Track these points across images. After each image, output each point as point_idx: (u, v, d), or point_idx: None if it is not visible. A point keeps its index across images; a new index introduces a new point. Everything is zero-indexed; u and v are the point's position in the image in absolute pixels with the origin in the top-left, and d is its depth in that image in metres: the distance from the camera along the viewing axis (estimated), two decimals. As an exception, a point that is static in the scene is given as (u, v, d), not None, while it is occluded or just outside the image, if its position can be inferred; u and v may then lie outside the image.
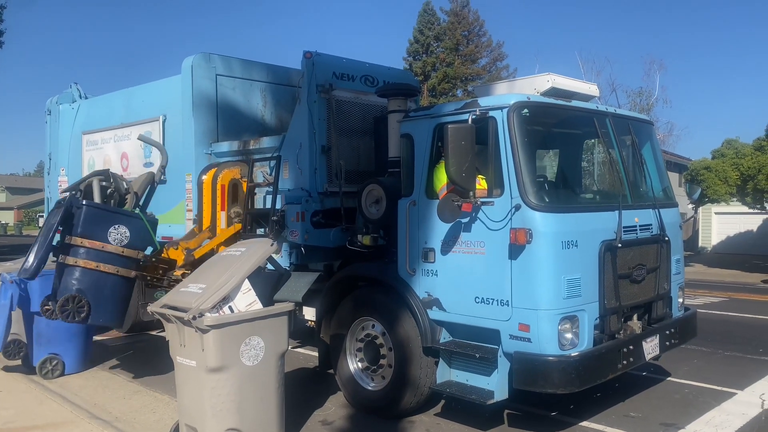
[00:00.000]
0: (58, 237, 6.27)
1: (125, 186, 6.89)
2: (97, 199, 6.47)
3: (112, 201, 6.70)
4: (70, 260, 6.06)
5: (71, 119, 10.45)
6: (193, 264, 6.76)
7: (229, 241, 7.09)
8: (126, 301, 6.52)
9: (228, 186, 7.27)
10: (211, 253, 6.83)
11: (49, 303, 6.19)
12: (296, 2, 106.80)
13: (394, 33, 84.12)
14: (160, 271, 6.78)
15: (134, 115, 9.01)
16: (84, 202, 6.25)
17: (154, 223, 6.78)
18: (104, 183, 6.69)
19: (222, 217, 7.22)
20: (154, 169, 8.31)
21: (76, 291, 6.00)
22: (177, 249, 6.91)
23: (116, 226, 6.25)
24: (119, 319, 6.48)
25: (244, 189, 7.26)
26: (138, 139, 7.76)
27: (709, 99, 65.19)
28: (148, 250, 6.79)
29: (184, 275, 6.74)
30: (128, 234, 6.32)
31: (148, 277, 6.68)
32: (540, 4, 73.06)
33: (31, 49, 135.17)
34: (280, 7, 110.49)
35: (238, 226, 7.13)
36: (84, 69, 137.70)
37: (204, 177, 7.36)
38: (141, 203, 6.99)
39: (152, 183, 7.25)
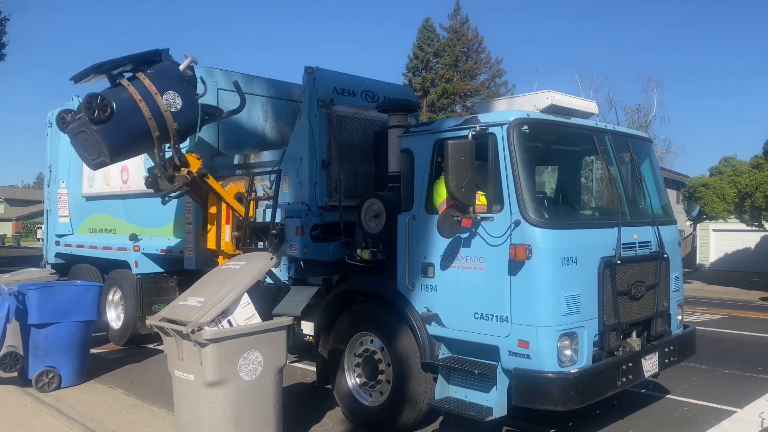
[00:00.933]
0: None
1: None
2: None
3: None
4: (124, 82, 6.23)
5: (72, 131, 10.47)
6: (202, 177, 6.80)
7: (231, 227, 7.24)
8: (131, 149, 6.54)
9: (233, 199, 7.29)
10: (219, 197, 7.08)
11: (68, 115, 6.43)
12: (298, 19, 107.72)
13: (394, 49, 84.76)
14: (171, 165, 6.70)
15: (135, 128, 9.02)
16: (175, 60, 6.44)
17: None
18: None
19: (227, 231, 7.24)
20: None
21: (107, 98, 6.04)
22: (198, 159, 6.88)
23: (176, 93, 6.37)
24: (114, 154, 6.32)
25: (251, 204, 7.28)
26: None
27: (706, 116, 65.63)
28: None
29: (189, 174, 6.74)
30: (180, 104, 6.41)
31: (161, 153, 6.64)
32: (538, 21, 73.74)
33: (33, 60, 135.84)
34: (281, 24, 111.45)
35: (242, 210, 7.17)
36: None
37: None
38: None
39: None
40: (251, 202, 7.12)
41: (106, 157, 6.24)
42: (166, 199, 7.22)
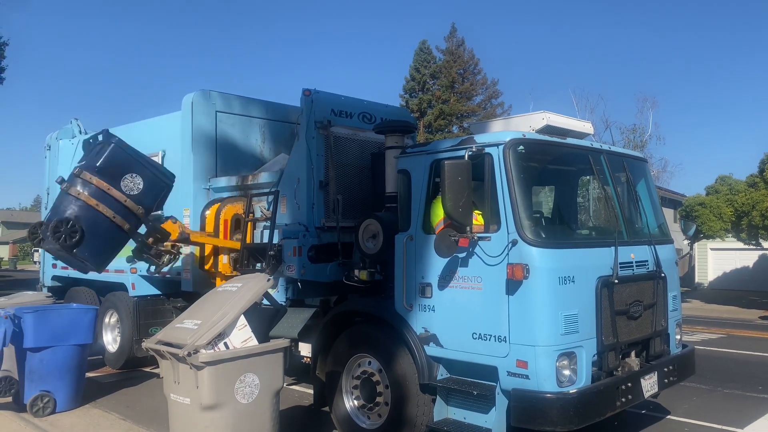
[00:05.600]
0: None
1: None
2: None
3: None
4: (73, 191, 5.98)
5: (71, 154, 10.50)
6: (184, 241, 6.76)
7: (228, 251, 7.20)
8: (112, 250, 6.43)
9: (231, 221, 7.32)
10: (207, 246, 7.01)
11: (39, 230, 6.08)
12: (295, 41, 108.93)
13: (391, 71, 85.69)
14: (151, 239, 6.66)
15: (133, 151, 9.07)
16: (115, 140, 6.15)
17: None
18: None
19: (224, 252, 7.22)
20: None
21: (73, 217, 5.89)
22: (175, 224, 6.84)
23: (133, 175, 6.15)
24: (101, 263, 6.32)
25: (248, 225, 7.30)
26: None
27: (702, 136, 66.07)
28: None
29: (173, 247, 6.74)
30: (141, 186, 6.22)
31: (139, 238, 6.58)
32: (534, 42, 74.56)
33: (31, 83, 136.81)
34: (279, 46, 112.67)
35: (237, 245, 7.17)
36: (85, 104, 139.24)
37: (207, 212, 7.43)
38: None
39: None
40: (248, 223, 7.14)
41: (95, 269, 6.35)
42: (164, 271, 7.25)
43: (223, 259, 7.21)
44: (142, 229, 6.64)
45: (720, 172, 22.52)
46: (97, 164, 6.05)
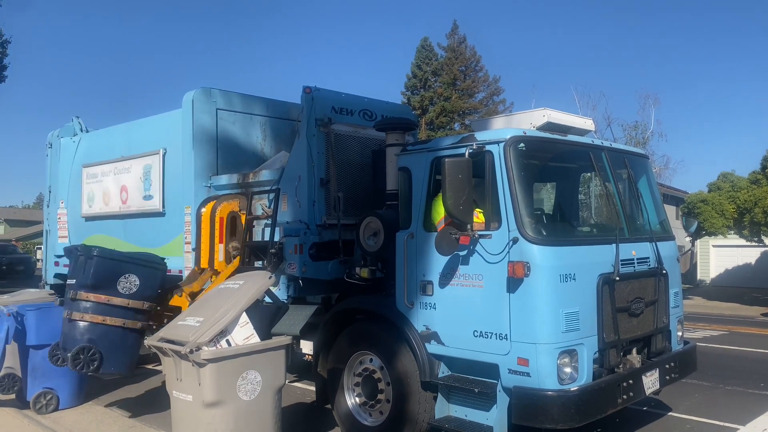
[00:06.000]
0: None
1: None
2: None
3: None
4: (76, 315, 6.13)
5: (72, 152, 10.52)
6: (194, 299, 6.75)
7: (224, 250, 7.17)
8: (135, 349, 6.57)
9: (227, 219, 7.27)
10: (203, 248, 6.97)
11: (57, 351, 6.29)
12: (296, 38, 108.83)
13: (393, 68, 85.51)
14: (165, 320, 6.72)
15: (135, 149, 9.08)
16: (96, 252, 6.24)
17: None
18: None
19: (220, 250, 7.21)
20: (156, 201, 8.33)
21: (88, 341, 6.07)
22: (181, 296, 6.91)
23: (126, 276, 6.25)
24: (130, 367, 6.53)
25: (243, 222, 7.26)
26: None
27: (704, 133, 65.92)
28: None
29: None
30: (138, 283, 6.33)
31: (154, 326, 6.64)
32: (535, 39, 74.43)
33: (33, 81, 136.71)
34: (280, 43, 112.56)
35: (238, 263, 7.13)
36: (86, 102, 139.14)
37: (203, 210, 7.35)
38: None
39: None
40: (249, 220, 7.13)
41: (127, 373, 6.53)
42: None
43: (219, 257, 7.14)
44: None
45: (722, 169, 22.55)
46: (89, 282, 6.17)
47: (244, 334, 5.00)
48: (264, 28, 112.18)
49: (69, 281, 6.41)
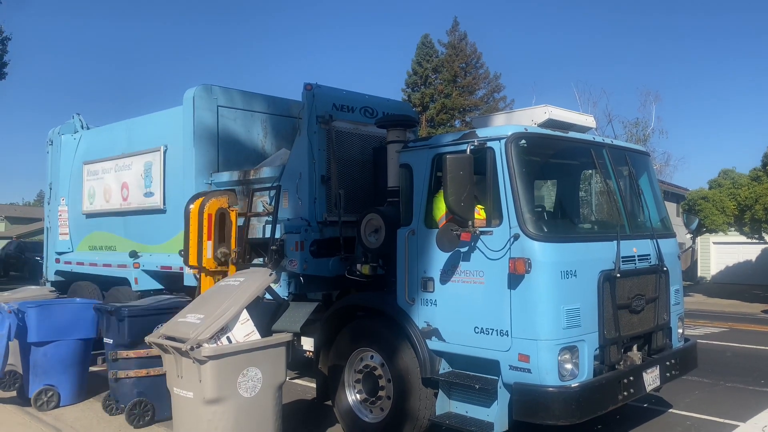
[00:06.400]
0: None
1: None
2: None
3: None
4: (121, 374, 6.35)
5: (73, 149, 10.53)
6: None
7: (212, 246, 7.11)
8: None
9: (215, 215, 7.13)
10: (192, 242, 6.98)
11: (110, 401, 6.51)
12: (297, 36, 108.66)
13: (393, 65, 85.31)
14: None
15: (135, 146, 9.09)
16: (126, 312, 6.33)
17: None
18: None
19: (208, 247, 7.08)
20: (157, 198, 8.31)
21: (138, 395, 6.27)
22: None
23: (158, 327, 6.06)
24: None
25: (232, 218, 7.17)
26: None
27: (705, 130, 65.85)
28: None
29: None
30: None
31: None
32: (536, 36, 74.29)
33: (33, 78, 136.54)
34: (280, 41, 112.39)
35: (232, 269, 7.04)
36: (86, 99, 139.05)
37: (191, 206, 7.20)
38: None
39: None
40: (248, 217, 7.08)
41: None
42: None
43: (207, 254, 7.06)
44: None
45: (723, 166, 22.55)
46: (125, 341, 6.33)
47: (245, 331, 5.00)
48: (265, 27, 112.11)
49: (105, 340, 6.58)
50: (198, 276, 7.26)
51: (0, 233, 67.52)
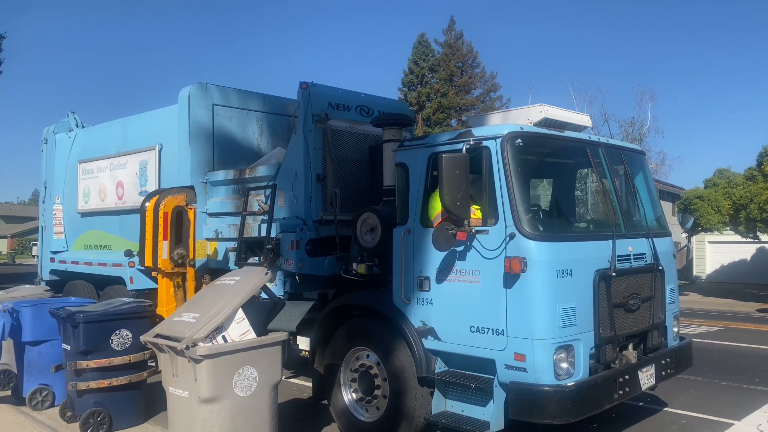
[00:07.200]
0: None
1: None
2: None
3: None
4: (81, 386, 5.90)
5: (68, 148, 10.49)
6: None
7: (168, 246, 7.03)
8: (144, 396, 6.45)
9: (171, 213, 7.04)
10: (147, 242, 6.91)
11: (67, 409, 6.23)
12: (293, 34, 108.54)
13: (390, 64, 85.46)
14: None
15: (131, 144, 9.06)
16: (81, 318, 5.89)
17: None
18: None
19: (164, 248, 6.99)
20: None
21: (94, 405, 5.94)
22: None
23: (117, 332, 6.01)
24: (141, 415, 6.36)
25: (191, 217, 7.09)
26: None
27: (700, 129, 66.08)
28: None
29: None
30: (131, 335, 6.03)
31: (159, 370, 6.57)
32: (533, 35, 74.43)
33: (29, 76, 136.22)
34: (276, 39, 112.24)
35: (191, 271, 6.98)
36: (82, 99, 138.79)
37: (147, 204, 7.09)
38: None
39: None
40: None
41: (140, 423, 6.33)
42: None
43: (163, 254, 6.99)
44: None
45: (718, 165, 22.61)
46: (82, 349, 5.89)
47: (240, 330, 4.99)
48: (261, 24, 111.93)
49: (64, 346, 6.20)
50: (155, 278, 7.19)
51: (-5, 232, 67.19)
